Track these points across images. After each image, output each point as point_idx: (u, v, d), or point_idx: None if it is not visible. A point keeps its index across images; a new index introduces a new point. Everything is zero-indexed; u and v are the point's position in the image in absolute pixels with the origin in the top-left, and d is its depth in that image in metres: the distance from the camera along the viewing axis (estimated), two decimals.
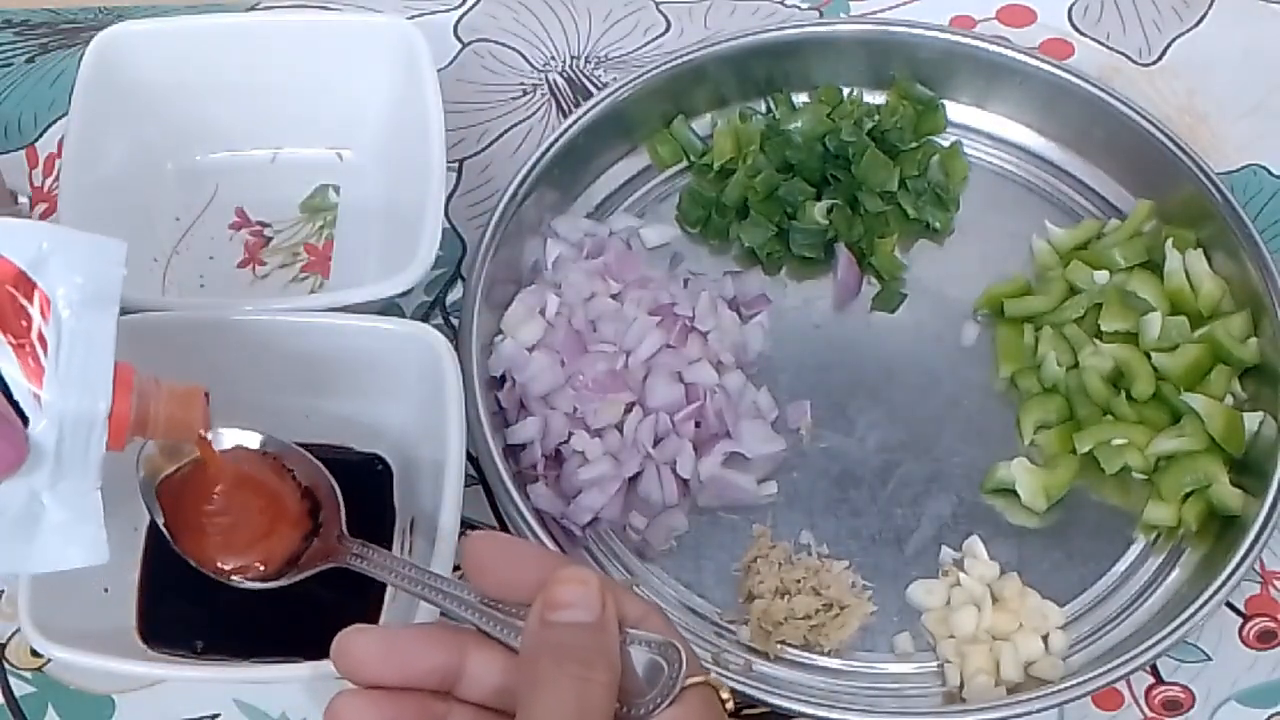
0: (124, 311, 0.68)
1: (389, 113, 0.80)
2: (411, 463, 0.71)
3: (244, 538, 0.62)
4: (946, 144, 0.84)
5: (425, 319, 0.79)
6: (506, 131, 0.86)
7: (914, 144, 0.83)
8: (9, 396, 0.52)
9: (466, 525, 0.72)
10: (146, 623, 0.67)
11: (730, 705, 0.51)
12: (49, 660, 0.69)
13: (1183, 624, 0.67)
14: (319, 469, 0.64)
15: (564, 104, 0.86)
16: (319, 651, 0.62)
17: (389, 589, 0.67)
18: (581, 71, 0.88)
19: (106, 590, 0.67)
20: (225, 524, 0.62)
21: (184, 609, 0.68)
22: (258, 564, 0.61)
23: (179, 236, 0.80)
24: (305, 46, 0.79)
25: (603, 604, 0.49)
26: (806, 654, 0.70)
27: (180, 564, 0.68)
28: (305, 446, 0.70)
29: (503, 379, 0.75)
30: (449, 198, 0.82)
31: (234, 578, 0.61)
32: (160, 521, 0.62)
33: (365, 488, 0.71)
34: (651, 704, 0.49)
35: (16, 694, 0.69)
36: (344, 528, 0.62)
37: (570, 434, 0.72)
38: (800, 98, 0.85)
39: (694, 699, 0.49)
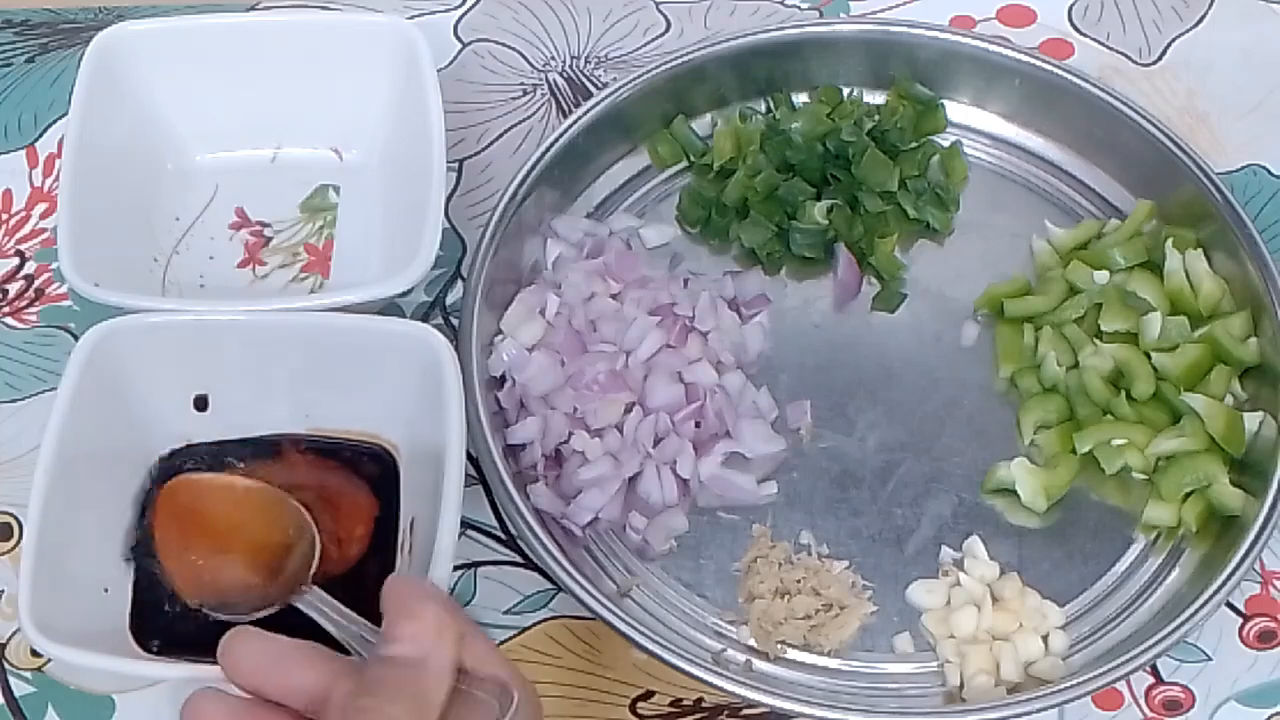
0: (124, 311, 0.69)
1: (389, 113, 0.80)
2: (411, 463, 0.71)
3: (238, 580, 0.64)
4: (946, 144, 0.84)
5: (425, 319, 0.78)
6: (506, 131, 0.85)
7: (914, 144, 0.83)
8: None
9: (466, 525, 0.72)
10: (145, 623, 0.67)
11: None
12: (49, 660, 0.69)
13: (1183, 624, 0.67)
14: (305, 515, 0.66)
15: (564, 104, 0.86)
16: None
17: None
18: (581, 71, 0.88)
19: (106, 590, 0.67)
20: (219, 564, 0.65)
21: (184, 608, 0.67)
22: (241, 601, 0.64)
23: (179, 236, 0.80)
24: (305, 46, 0.79)
25: (434, 644, 0.52)
26: (806, 654, 0.70)
27: None
28: (307, 443, 0.71)
29: (503, 379, 0.75)
30: (449, 198, 0.82)
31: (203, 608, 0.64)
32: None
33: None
34: None
35: (16, 694, 0.69)
36: (310, 577, 0.64)
37: (570, 434, 0.72)
38: (800, 98, 0.85)
39: None
